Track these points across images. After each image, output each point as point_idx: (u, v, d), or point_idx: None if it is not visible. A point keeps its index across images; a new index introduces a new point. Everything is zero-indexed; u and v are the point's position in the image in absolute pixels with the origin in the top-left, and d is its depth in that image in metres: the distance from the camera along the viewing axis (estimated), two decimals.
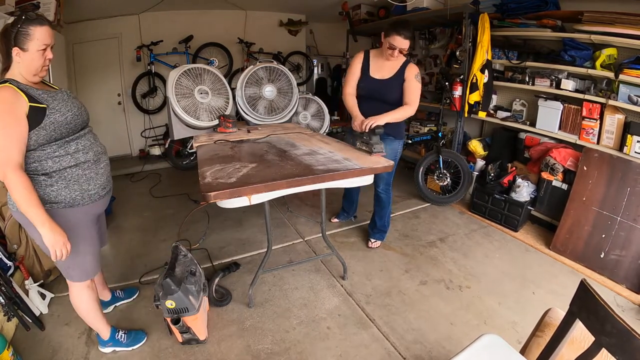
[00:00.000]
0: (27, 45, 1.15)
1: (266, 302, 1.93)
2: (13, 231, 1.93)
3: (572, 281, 2.12)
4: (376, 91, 2.05)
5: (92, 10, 3.82)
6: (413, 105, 1.99)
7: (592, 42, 2.36)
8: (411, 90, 1.98)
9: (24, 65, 1.17)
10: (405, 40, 1.88)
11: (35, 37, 1.15)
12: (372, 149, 1.81)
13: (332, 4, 4.43)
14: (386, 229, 2.48)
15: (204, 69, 2.44)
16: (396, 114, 1.96)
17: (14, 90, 1.12)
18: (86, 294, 1.46)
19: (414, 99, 1.99)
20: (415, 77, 1.98)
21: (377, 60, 2.06)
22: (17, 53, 1.15)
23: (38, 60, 1.19)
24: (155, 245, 2.56)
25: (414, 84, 1.97)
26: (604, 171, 2.23)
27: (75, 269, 1.38)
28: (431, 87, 3.91)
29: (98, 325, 1.55)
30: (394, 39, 1.88)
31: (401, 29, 1.86)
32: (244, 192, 1.39)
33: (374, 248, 2.45)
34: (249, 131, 2.44)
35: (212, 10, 4.62)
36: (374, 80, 2.05)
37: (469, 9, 2.85)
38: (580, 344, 1.00)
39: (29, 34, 1.14)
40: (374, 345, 1.65)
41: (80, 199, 1.29)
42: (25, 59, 1.16)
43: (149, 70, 4.35)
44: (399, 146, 2.22)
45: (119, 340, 1.60)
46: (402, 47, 1.90)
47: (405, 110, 1.98)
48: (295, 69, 5.24)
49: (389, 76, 2.02)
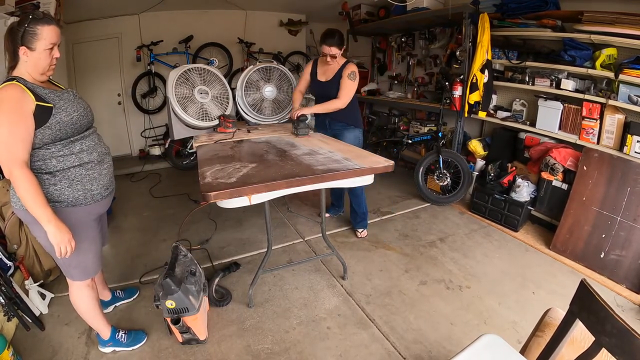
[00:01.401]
0: (35, 44, 1.16)
1: (266, 302, 1.93)
2: (13, 231, 1.93)
3: (572, 281, 2.12)
4: (322, 91, 2.40)
5: (92, 10, 3.82)
6: (342, 99, 2.28)
7: (592, 42, 2.36)
8: (342, 87, 2.27)
9: (31, 64, 1.18)
10: (330, 47, 2.20)
11: (43, 37, 1.16)
12: (297, 132, 2.27)
13: (332, 4, 4.43)
14: (366, 216, 2.65)
15: (204, 69, 2.44)
16: (324, 106, 2.31)
17: (21, 89, 1.12)
18: (86, 293, 1.46)
19: (343, 93, 2.28)
20: (348, 76, 2.25)
21: (322, 66, 2.41)
22: (25, 52, 1.16)
23: (45, 59, 1.19)
24: (155, 245, 2.56)
25: (345, 81, 2.26)
26: (604, 171, 2.23)
27: (77, 268, 1.38)
28: (431, 87, 3.91)
29: (98, 324, 1.55)
30: (322, 47, 2.24)
31: (325, 39, 2.20)
32: (244, 192, 1.39)
33: (363, 237, 2.62)
34: (249, 131, 2.44)
35: (212, 10, 4.62)
36: (319, 83, 2.40)
37: (469, 9, 2.85)
38: (580, 344, 1.00)
39: (37, 33, 1.15)
40: (374, 345, 1.65)
41: (83, 199, 1.29)
42: (32, 58, 1.17)
43: (149, 70, 4.35)
44: (360, 134, 2.50)
45: (119, 340, 1.60)
46: (330, 53, 2.22)
47: (333, 103, 2.28)
48: (295, 69, 5.24)
49: (330, 77, 2.33)
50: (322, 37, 2.24)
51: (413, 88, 4.03)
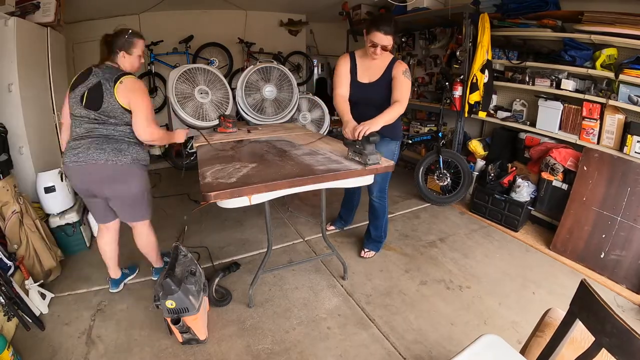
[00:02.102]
0: (132, 50, 1.67)
1: (266, 302, 1.93)
2: (13, 231, 1.94)
3: (572, 281, 2.12)
4: (365, 96, 1.95)
5: (92, 10, 3.82)
6: (403, 102, 1.84)
7: (592, 42, 2.36)
8: (400, 87, 1.86)
9: (128, 63, 1.69)
10: (386, 36, 1.75)
11: (138, 46, 1.70)
12: (366, 161, 1.58)
13: (332, 4, 4.43)
14: (382, 240, 2.35)
15: (204, 69, 2.44)
16: (389, 115, 1.78)
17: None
18: (152, 230, 1.94)
19: (404, 95, 1.85)
20: (403, 74, 1.86)
21: (363, 62, 1.95)
22: (123, 55, 1.66)
23: (137, 62, 1.74)
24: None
25: (403, 80, 1.85)
26: (604, 171, 2.23)
27: (149, 209, 1.87)
28: (431, 87, 3.91)
29: (158, 253, 2.03)
30: (375, 35, 1.76)
31: (381, 25, 1.74)
32: (244, 192, 1.39)
33: (366, 258, 2.34)
34: (249, 131, 2.44)
35: (212, 10, 4.62)
36: (361, 85, 1.95)
37: (469, 9, 2.85)
38: (580, 344, 1.00)
39: (134, 44, 1.67)
40: (374, 345, 1.65)
41: (146, 162, 1.78)
42: (128, 60, 1.69)
43: (149, 70, 4.35)
44: (396, 147, 2.10)
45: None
46: (384, 44, 1.78)
47: (396, 109, 1.82)
48: (295, 69, 5.24)
49: (376, 78, 1.92)
50: (374, 23, 1.76)
51: (413, 88, 4.03)
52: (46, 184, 2.25)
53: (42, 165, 2.38)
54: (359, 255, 2.37)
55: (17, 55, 2.21)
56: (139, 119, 1.61)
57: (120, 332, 1.72)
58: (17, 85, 2.22)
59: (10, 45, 2.19)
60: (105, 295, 1.99)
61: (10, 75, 2.21)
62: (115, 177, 1.64)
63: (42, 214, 2.30)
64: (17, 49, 2.21)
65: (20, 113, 2.26)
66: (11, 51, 2.19)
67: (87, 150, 1.57)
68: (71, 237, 2.36)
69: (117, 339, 1.68)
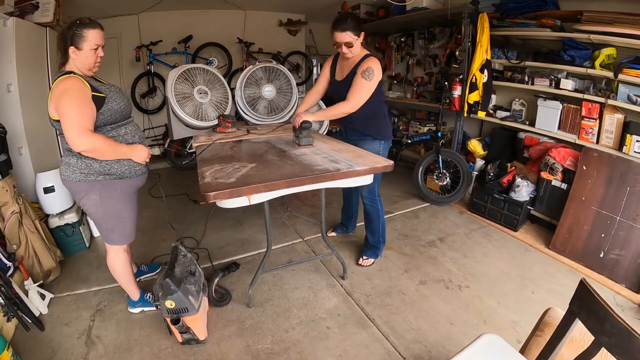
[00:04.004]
0: (82, 45, 1.37)
1: (266, 302, 1.93)
2: (13, 231, 1.93)
3: (571, 281, 2.12)
4: (336, 93, 2.05)
5: (92, 10, 3.80)
6: (352, 101, 1.86)
7: (592, 41, 2.36)
8: (354, 86, 1.87)
9: (79, 61, 1.39)
10: (342, 33, 1.81)
11: (88, 39, 1.38)
12: (299, 142, 1.96)
13: (331, 4, 4.43)
14: (380, 245, 2.26)
15: (203, 69, 2.44)
16: (331, 111, 1.94)
17: (80, 79, 1.35)
18: (122, 257, 1.67)
19: (354, 94, 1.86)
20: (362, 73, 1.85)
21: (341, 61, 2.04)
22: (73, 51, 1.37)
23: (91, 58, 1.41)
24: (155, 245, 2.55)
25: (358, 79, 1.86)
26: (604, 171, 2.23)
27: (118, 233, 1.60)
28: (430, 87, 3.91)
29: (130, 286, 1.76)
30: (334, 35, 1.85)
31: (336, 24, 1.82)
32: (243, 192, 1.39)
33: (364, 266, 2.25)
34: (249, 131, 2.44)
35: (211, 10, 4.61)
36: (336, 83, 2.06)
37: (469, 9, 2.85)
38: (579, 344, 1.00)
39: (83, 36, 1.37)
40: (373, 345, 1.65)
41: (128, 173, 1.52)
42: (80, 57, 1.39)
43: (148, 70, 4.34)
44: (380, 147, 2.05)
45: (148, 301, 1.82)
46: (345, 41, 1.83)
47: (340, 107, 1.89)
48: (294, 69, 5.23)
49: (345, 75, 1.98)
50: (332, 24, 1.84)
51: (412, 88, 4.03)
52: (45, 184, 2.24)
53: (41, 165, 2.38)
54: (357, 263, 2.28)
55: (16, 56, 2.20)
56: (66, 125, 1.29)
57: (120, 333, 1.72)
58: (16, 85, 2.22)
59: (9, 46, 2.18)
60: (104, 296, 1.99)
61: (10, 75, 2.20)
62: (71, 193, 1.52)
63: (41, 214, 2.30)
64: (16, 49, 2.20)
65: (20, 113, 2.25)
66: (10, 51, 2.19)
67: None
68: (70, 238, 2.36)
69: (117, 339, 1.68)
